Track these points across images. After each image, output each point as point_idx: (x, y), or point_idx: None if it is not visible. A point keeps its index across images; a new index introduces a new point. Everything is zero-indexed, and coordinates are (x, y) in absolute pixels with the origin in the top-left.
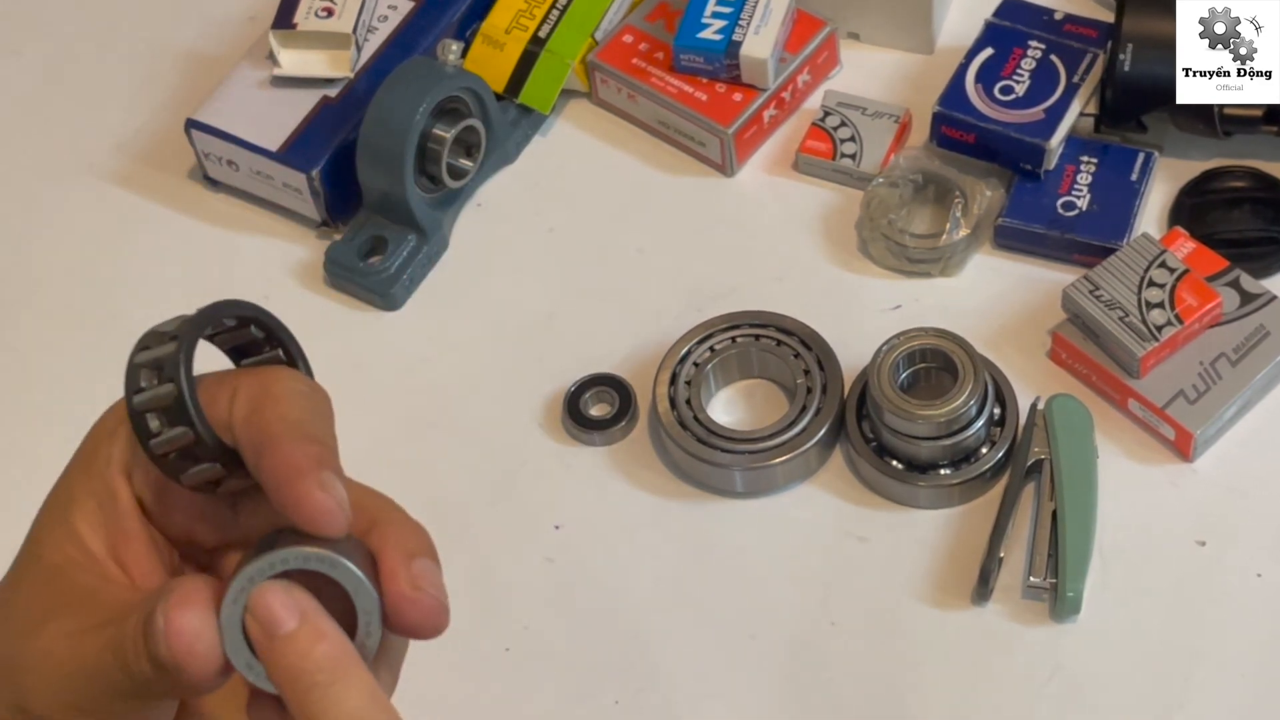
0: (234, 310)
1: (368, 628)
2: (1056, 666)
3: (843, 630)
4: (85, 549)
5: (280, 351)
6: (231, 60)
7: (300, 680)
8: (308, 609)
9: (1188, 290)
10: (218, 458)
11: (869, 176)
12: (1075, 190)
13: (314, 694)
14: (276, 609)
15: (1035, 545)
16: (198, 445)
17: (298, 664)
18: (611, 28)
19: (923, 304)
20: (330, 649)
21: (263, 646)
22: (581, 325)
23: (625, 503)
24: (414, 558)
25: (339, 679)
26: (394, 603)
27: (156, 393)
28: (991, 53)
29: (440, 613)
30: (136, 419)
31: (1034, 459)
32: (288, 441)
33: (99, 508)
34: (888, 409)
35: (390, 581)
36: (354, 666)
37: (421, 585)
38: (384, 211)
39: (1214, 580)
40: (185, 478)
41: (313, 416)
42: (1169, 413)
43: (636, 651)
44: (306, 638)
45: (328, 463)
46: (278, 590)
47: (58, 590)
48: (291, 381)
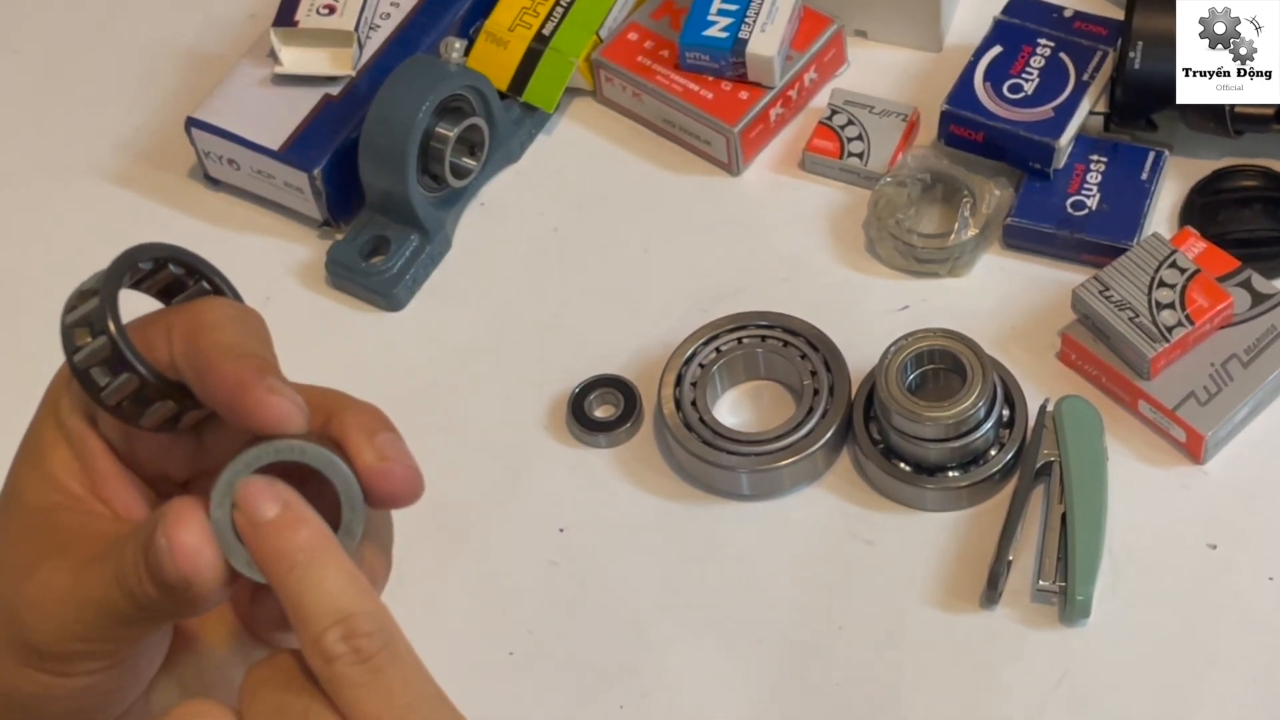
0: (147, 253)
1: (350, 507)
2: (1066, 671)
3: (850, 634)
4: (66, 490)
5: (205, 284)
6: (232, 58)
7: (282, 562)
8: (289, 498)
9: (1199, 291)
10: (168, 395)
11: (876, 175)
12: (1085, 189)
13: (295, 574)
14: (259, 498)
15: (1044, 548)
16: (145, 388)
17: (279, 547)
18: (616, 25)
19: (931, 304)
20: (310, 533)
21: (248, 534)
22: (586, 326)
23: (630, 505)
24: (375, 433)
25: (318, 561)
26: (366, 478)
27: (93, 348)
28: (1000, 50)
29: (412, 477)
30: (82, 377)
31: (1043, 461)
32: (227, 362)
33: (71, 452)
34: (895, 411)
35: (358, 458)
36: (333, 550)
37: (388, 455)
38: (386, 211)
39: (1225, 584)
40: (144, 421)
41: (247, 336)
42: (1180, 414)
43: (641, 656)
44: (288, 523)
45: (270, 370)
46: (260, 481)
47: (46, 531)
48: (221, 309)
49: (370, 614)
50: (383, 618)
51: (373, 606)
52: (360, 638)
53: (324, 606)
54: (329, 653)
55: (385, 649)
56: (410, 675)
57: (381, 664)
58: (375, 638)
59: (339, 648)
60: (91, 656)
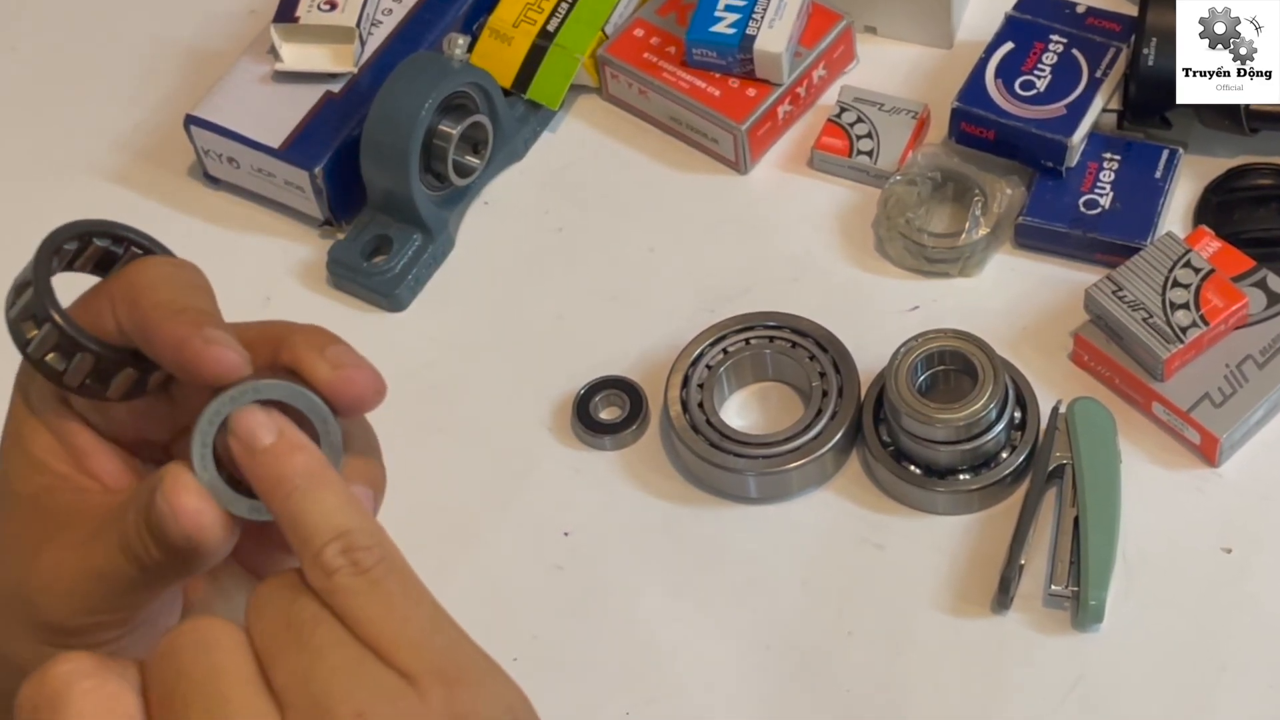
0: (67, 233)
1: (324, 426)
2: (1079, 677)
3: (859, 640)
4: (53, 472)
5: (135, 249)
6: (232, 55)
7: (281, 487)
8: (283, 425)
9: (1213, 291)
10: (126, 363)
11: (886, 174)
12: (1098, 188)
13: (294, 497)
14: (256, 426)
15: (1057, 552)
16: (102, 362)
17: (278, 472)
18: (622, 21)
19: (941, 305)
20: (306, 458)
21: (246, 463)
22: (591, 326)
23: (636, 509)
24: (325, 348)
25: (316, 483)
26: (328, 390)
27: (41, 336)
28: (1012, 47)
29: (370, 378)
30: (39, 366)
31: (1055, 464)
32: (165, 321)
33: (51, 435)
34: (905, 412)
35: (315, 375)
36: (329, 472)
37: (343, 362)
38: (388, 210)
39: (1240, 588)
40: (111, 393)
41: (182, 290)
42: (1194, 416)
43: (648, 661)
44: (285, 450)
45: (205, 320)
46: (256, 411)
47: (42, 515)
48: (154, 268)
49: (366, 530)
50: (378, 533)
51: (369, 524)
52: (358, 551)
53: (322, 525)
54: (329, 566)
55: (382, 562)
56: (408, 585)
57: (380, 575)
58: (373, 551)
59: (338, 561)
60: (107, 627)
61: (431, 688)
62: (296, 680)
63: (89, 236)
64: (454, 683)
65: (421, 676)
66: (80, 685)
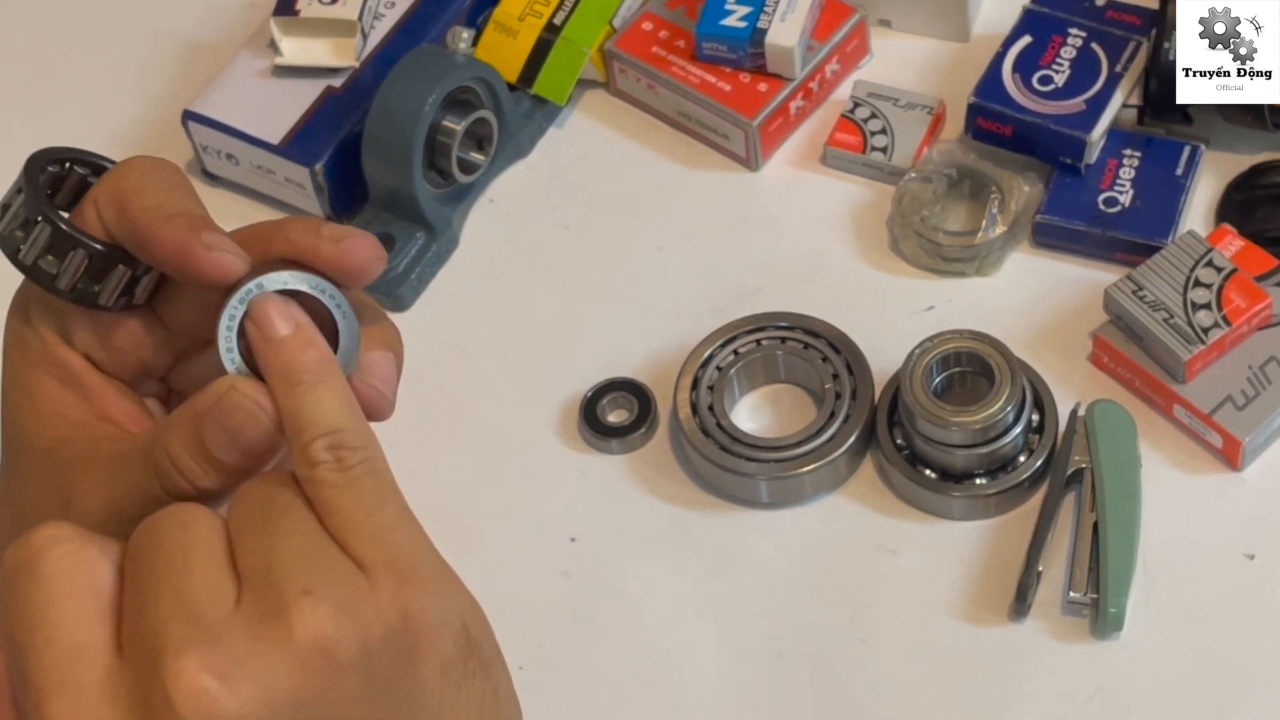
0: (53, 154)
1: (338, 308)
2: (1098, 686)
3: (873, 648)
4: (68, 421)
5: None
6: (231, 49)
7: (288, 378)
8: (300, 320)
9: (1236, 290)
10: (118, 259)
11: (901, 171)
12: (1118, 185)
13: (298, 390)
14: (274, 316)
15: (1075, 558)
16: (94, 258)
17: (288, 363)
18: (630, 14)
19: (957, 305)
20: (317, 355)
21: (260, 349)
22: (599, 327)
23: (644, 513)
24: (316, 229)
25: (321, 381)
26: (333, 263)
27: (33, 238)
28: (1030, 41)
29: (371, 245)
30: (32, 272)
31: (1074, 468)
32: (159, 227)
33: (59, 384)
34: (921, 415)
35: (317, 253)
36: (336, 374)
37: (339, 235)
38: (391, 208)
39: (1263, 595)
40: (104, 298)
41: (170, 193)
42: (1216, 419)
43: (657, 670)
44: (298, 343)
45: (201, 225)
46: (276, 301)
47: (63, 466)
48: (137, 169)
49: (357, 432)
50: (368, 437)
51: (361, 427)
52: (345, 450)
53: (317, 420)
54: (314, 459)
55: (364, 463)
56: (383, 485)
57: (358, 474)
58: (358, 452)
59: (323, 455)
60: None
61: (383, 579)
62: (257, 559)
63: (70, 163)
64: (406, 578)
65: (375, 567)
66: (58, 549)
